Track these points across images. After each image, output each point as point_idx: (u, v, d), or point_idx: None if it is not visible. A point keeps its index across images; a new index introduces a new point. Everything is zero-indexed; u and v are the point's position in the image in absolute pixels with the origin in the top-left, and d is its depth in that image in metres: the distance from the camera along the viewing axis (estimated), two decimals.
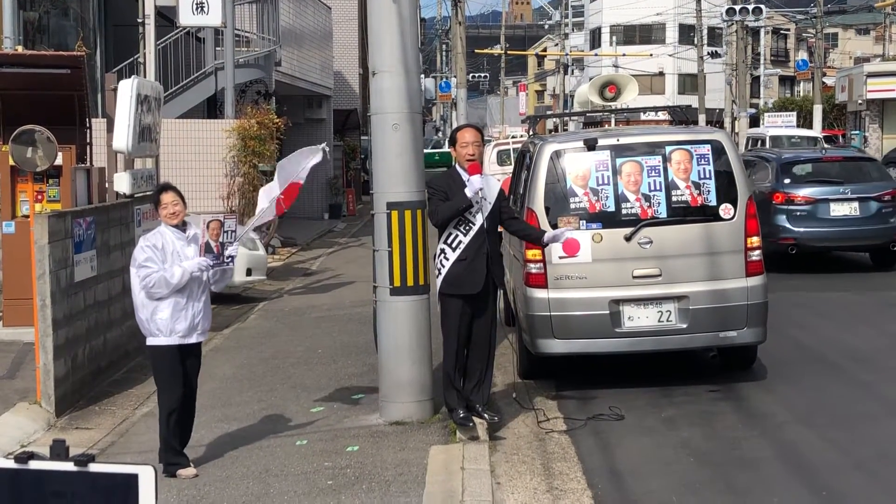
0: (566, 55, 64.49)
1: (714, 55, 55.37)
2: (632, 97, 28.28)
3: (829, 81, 48.91)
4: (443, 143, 52.53)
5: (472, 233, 7.56)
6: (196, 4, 18.24)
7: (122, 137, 11.37)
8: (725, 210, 8.84)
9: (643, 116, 42.49)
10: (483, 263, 7.56)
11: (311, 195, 28.88)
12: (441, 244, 7.64)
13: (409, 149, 7.97)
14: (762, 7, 38.34)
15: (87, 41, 18.03)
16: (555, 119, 45.05)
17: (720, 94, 59.33)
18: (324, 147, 8.12)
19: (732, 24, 45.83)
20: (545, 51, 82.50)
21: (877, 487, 6.45)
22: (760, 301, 8.87)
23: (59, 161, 11.37)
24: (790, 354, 10.02)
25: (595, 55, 66.51)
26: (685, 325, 8.72)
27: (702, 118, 42.39)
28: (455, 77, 39.46)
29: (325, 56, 30.13)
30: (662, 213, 8.80)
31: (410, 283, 7.89)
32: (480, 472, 6.63)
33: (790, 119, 39.68)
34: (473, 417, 7.55)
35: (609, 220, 8.77)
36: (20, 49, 14.11)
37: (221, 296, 13.38)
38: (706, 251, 8.81)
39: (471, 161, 7.60)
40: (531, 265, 8.75)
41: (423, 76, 62.05)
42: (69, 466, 2.36)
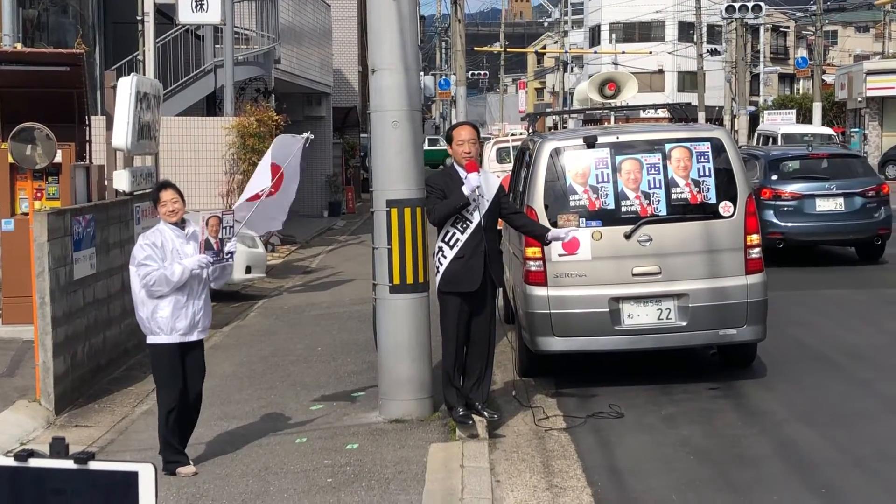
0: (566, 53, 64.56)
1: (714, 53, 55.36)
2: (631, 95, 28.20)
3: (829, 79, 48.92)
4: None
5: (470, 230, 7.56)
6: (195, 2, 18.23)
7: (122, 135, 11.36)
8: (725, 208, 8.83)
9: (643, 114, 42.44)
10: (481, 261, 7.55)
11: (311, 193, 28.88)
12: (439, 242, 7.64)
13: (409, 146, 7.96)
14: (762, 4, 38.33)
15: (87, 39, 18.03)
16: (554, 117, 45.04)
17: (720, 92, 59.32)
18: (306, 136, 8.13)
19: (732, 22, 45.85)
20: (545, 48, 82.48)
21: (876, 485, 6.46)
22: (760, 299, 8.87)
23: (59, 159, 11.36)
24: (790, 352, 10.02)
25: (594, 53, 66.49)
26: (685, 323, 8.72)
27: (701, 116, 42.39)
28: (454, 75, 39.47)
29: (325, 54, 30.11)
30: (662, 211, 8.80)
31: (410, 281, 7.89)
32: (480, 470, 6.63)
33: (790, 117, 39.68)
34: (473, 415, 7.55)
35: (609, 218, 8.77)
36: (19, 46, 14.09)
37: (221, 293, 13.37)
38: (706, 249, 8.80)
39: (468, 159, 7.60)
40: (531, 263, 8.74)
41: (423, 74, 62.06)
42: (69, 464, 2.36)
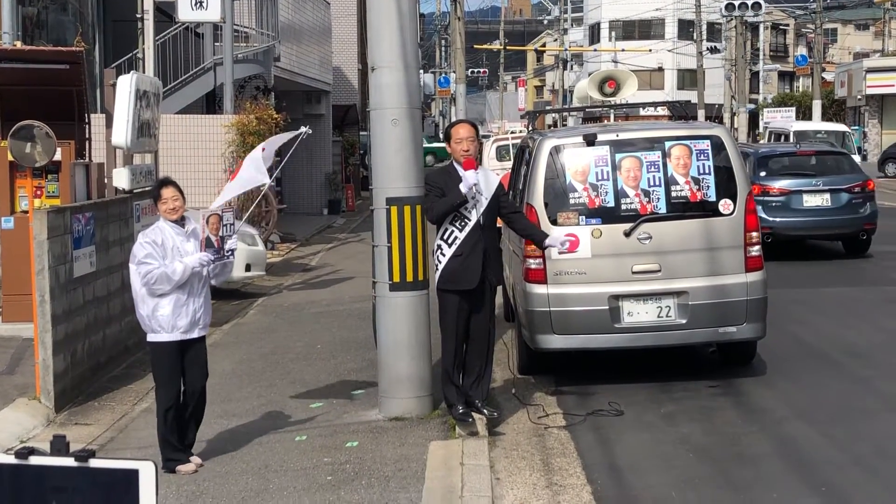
0: (565, 51, 64.52)
1: (713, 50, 55.34)
2: (631, 92, 28.26)
3: (829, 77, 48.93)
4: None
5: (468, 228, 7.55)
6: (195, 0, 18.22)
7: (121, 133, 11.36)
8: (725, 205, 8.83)
9: (642, 112, 42.44)
10: (479, 259, 7.55)
11: (311, 191, 28.87)
12: (438, 240, 7.64)
13: (409, 144, 7.95)
14: (761, 2, 38.28)
15: (86, 37, 18.01)
16: (554, 114, 45.01)
17: (719, 90, 59.35)
18: (306, 130, 8.21)
19: (732, 20, 45.82)
20: (544, 46, 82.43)
21: (876, 483, 6.46)
22: (760, 296, 8.87)
23: (58, 156, 11.36)
24: (789, 350, 10.02)
25: (594, 50, 66.48)
26: (684, 321, 8.72)
27: (701, 114, 42.38)
28: (454, 72, 39.43)
29: (324, 51, 30.09)
30: (662, 209, 8.80)
31: (410, 279, 7.89)
32: (480, 468, 6.63)
33: (789, 114, 39.69)
34: (473, 413, 7.55)
35: (608, 216, 8.77)
36: (19, 44, 14.08)
37: (220, 291, 13.37)
38: (706, 246, 8.80)
39: (466, 156, 7.60)
40: (530, 261, 8.74)
41: (423, 71, 62.04)
42: (70, 462, 2.36)
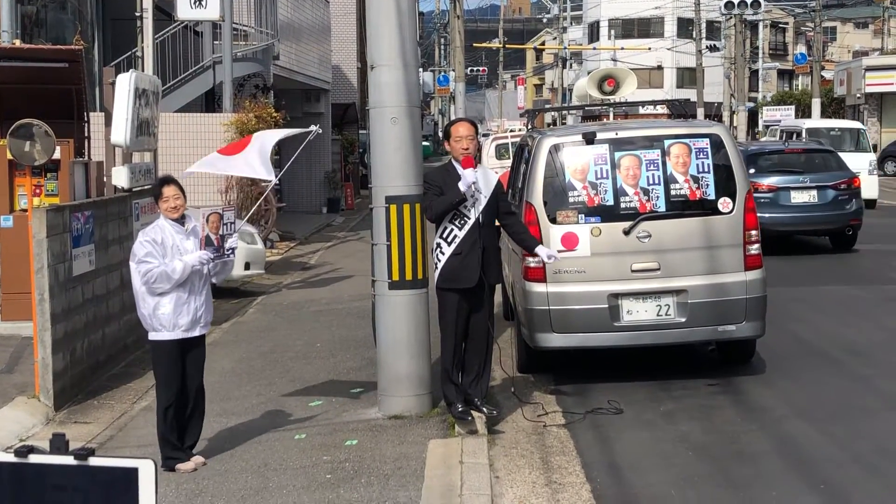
0: (564, 49, 64.51)
1: (712, 49, 55.32)
2: (630, 91, 28.17)
3: (828, 75, 48.93)
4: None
5: (467, 227, 7.55)
6: None
7: (121, 131, 11.35)
8: (724, 204, 8.83)
9: (642, 110, 42.40)
10: (478, 258, 7.55)
11: (310, 189, 28.87)
12: (437, 238, 7.64)
13: (408, 143, 7.95)
14: (761, 1, 38.27)
15: (85, 35, 18.00)
16: (553, 113, 44.98)
17: (719, 88, 59.29)
18: (315, 129, 8.24)
19: (731, 18, 45.81)
20: (543, 44, 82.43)
21: (875, 481, 6.46)
22: (759, 295, 8.87)
23: (58, 155, 11.35)
24: (789, 348, 10.03)
25: (593, 49, 66.48)
26: (684, 319, 8.72)
27: (700, 112, 42.37)
28: (453, 71, 39.44)
29: (324, 50, 30.09)
30: (661, 207, 8.80)
31: (409, 277, 7.89)
32: (479, 466, 6.63)
33: (788, 112, 39.70)
34: (472, 411, 7.55)
35: (608, 214, 8.77)
36: (18, 43, 14.07)
37: (220, 290, 13.36)
38: (705, 245, 8.80)
39: (465, 155, 7.60)
40: (529, 259, 8.74)
41: (422, 70, 62.02)
42: (69, 460, 2.36)
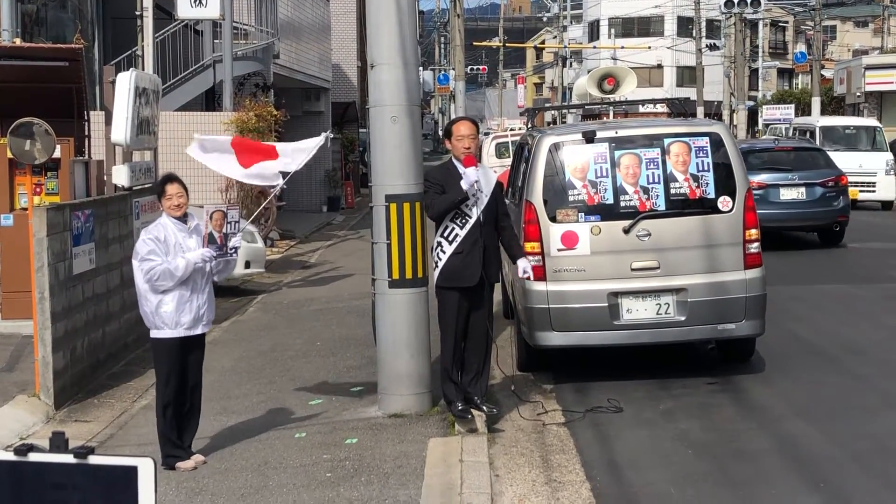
0: (564, 48, 64.47)
1: (712, 48, 55.27)
2: (630, 89, 28.27)
3: (828, 74, 48.88)
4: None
5: (469, 226, 7.56)
6: None
7: (121, 130, 11.36)
8: (724, 202, 8.84)
9: (641, 109, 42.39)
10: (479, 256, 7.56)
11: (310, 188, 28.85)
12: (438, 237, 7.64)
13: (408, 141, 7.96)
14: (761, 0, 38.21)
15: (85, 34, 17.99)
16: (553, 111, 44.95)
17: (718, 87, 59.24)
18: (327, 135, 8.26)
19: (731, 17, 45.78)
20: (543, 43, 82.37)
21: (874, 479, 6.47)
22: (759, 293, 8.87)
23: (58, 154, 11.34)
24: (788, 347, 10.03)
25: (593, 48, 66.43)
26: (683, 318, 8.73)
27: (700, 111, 42.34)
28: (453, 69, 39.45)
29: (324, 49, 30.09)
30: (661, 206, 8.80)
31: (409, 276, 7.89)
32: (479, 465, 6.64)
33: (788, 111, 39.66)
34: (472, 410, 7.55)
35: (607, 213, 8.77)
36: (18, 41, 14.06)
37: (220, 288, 13.33)
38: (704, 244, 8.81)
39: (466, 154, 7.60)
40: (529, 258, 8.73)
41: (422, 69, 62.01)
42: (69, 459, 2.36)
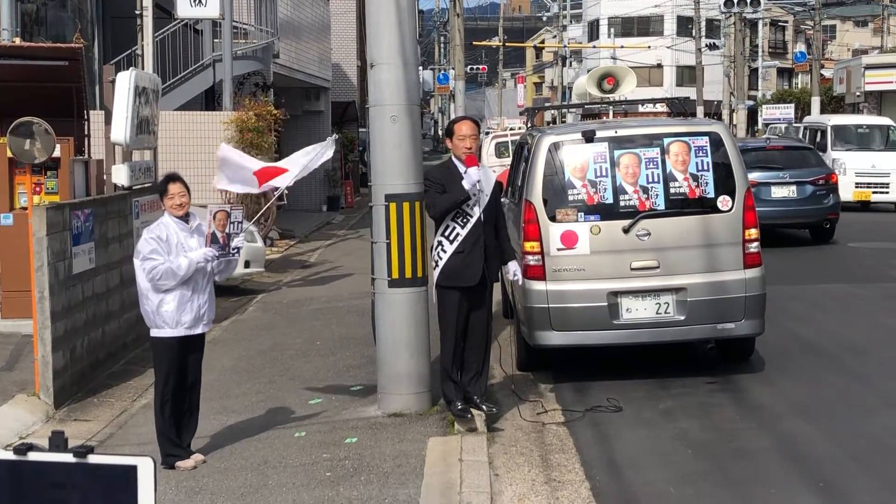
0: (564, 47, 64.43)
1: (712, 47, 55.26)
2: (630, 89, 28.26)
3: (828, 73, 48.85)
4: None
5: (470, 225, 7.56)
6: None
7: (120, 129, 11.35)
8: (723, 202, 8.84)
9: (641, 108, 42.36)
10: (480, 255, 7.56)
11: (310, 187, 28.85)
12: (438, 236, 7.64)
13: (408, 141, 7.96)
14: None
15: (85, 33, 17.99)
16: (553, 111, 44.95)
17: (718, 87, 59.24)
18: (333, 138, 8.30)
19: (730, 16, 45.78)
20: (543, 43, 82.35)
21: (874, 479, 6.47)
22: (758, 293, 8.88)
23: (57, 153, 11.34)
24: (788, 346, 10.03)
25: (593, 47, 66.41)
26: (683, 317, 8.73)
27: (700, 110, 42.33)
28: (453, 69, 39.45)
29: (324, 48, 30.09)
30: (660, 205, 8.80)
31: (409, 276, 7.89)
32: (478, 464, 6.64)
33: (788, 111, 39.65)
34: (471, 409, 7.56)
35: (607, 212, 8.77)
36: (17, 41, 14.06)
37: (219, 288, 13.29)
38: (704, 243, 8.81)
39: (468, 153, 7.61)
40: (529, 257, 8.75)
41: (422, 68, 62.03)
42: (68, 458, 2.37)
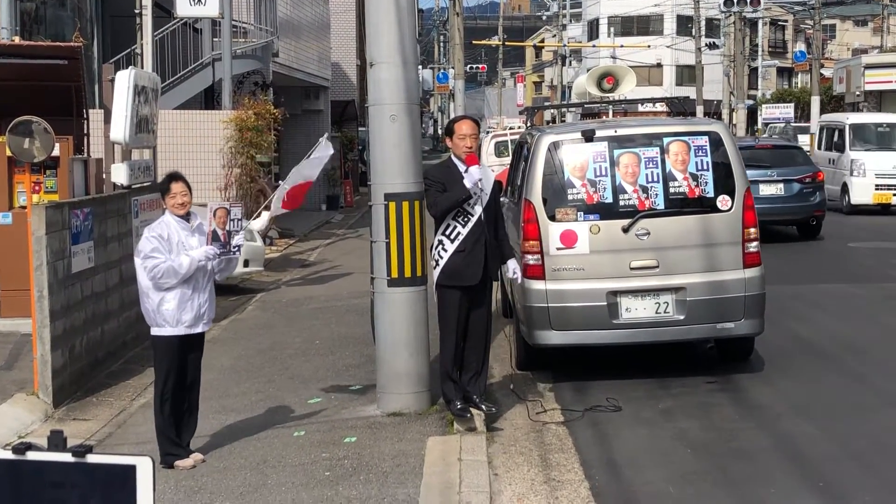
0: (564, 46, 64.45)
1: (712, 46, 55.27)
2: (629, 88, 28.24)
3: (827, 73, 48.86)
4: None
5: (471, 224, 7.56)
6: None
7: (120, 128, 11.35)
8: (723, 201, 8.84)
9: (641, 108, 42.38)
10: (481, 255, 7.56)
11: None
12: (439, 235, 7.64)
13: (407, 140, 7.96)
14: None
15: (85, 32, 17.98)
16: (552, 110, 44.93)
17: (718, 86, 59.25)
18: (325, 137, 8.26)
19: (730, 16, 45.79)
20: (543, 42, 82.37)
21: (873, 478, 6.47)
22: (758, 292, 8.88)
23: (57, 152, 11.32)
24: (787, 346, 10.03)
25: (593, 46, 66.42)
26: (682, 317, 8.73)
27: (700, 110, 42.33)
28: (453, 68, 39.44)
29: (323, 47, 30.08)
30: (660, 205, 8.80)
31: (408, 275, 7.89)
32: (478, 464, 6.64)
33: (788, 110, 39.66)
34: (471, 409, 7.56)
35: (607, 212, 8.77)
36: (17, 40, 14.05)
37: (219, 287, 13.25)
38: (704, 242, 8.81)
39: (468, 153, 7.61)
40: (529, 256, 8.75)
41: (421, 67, 62.04)
42: (67, 457, 2.36)
